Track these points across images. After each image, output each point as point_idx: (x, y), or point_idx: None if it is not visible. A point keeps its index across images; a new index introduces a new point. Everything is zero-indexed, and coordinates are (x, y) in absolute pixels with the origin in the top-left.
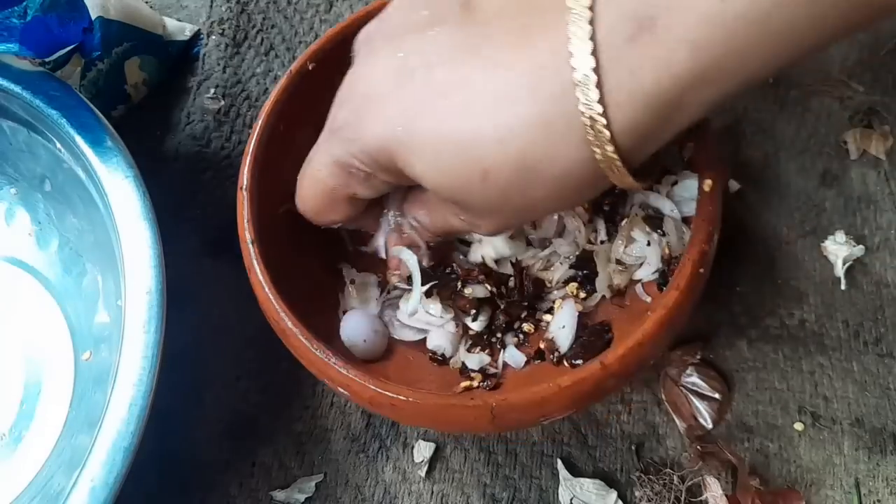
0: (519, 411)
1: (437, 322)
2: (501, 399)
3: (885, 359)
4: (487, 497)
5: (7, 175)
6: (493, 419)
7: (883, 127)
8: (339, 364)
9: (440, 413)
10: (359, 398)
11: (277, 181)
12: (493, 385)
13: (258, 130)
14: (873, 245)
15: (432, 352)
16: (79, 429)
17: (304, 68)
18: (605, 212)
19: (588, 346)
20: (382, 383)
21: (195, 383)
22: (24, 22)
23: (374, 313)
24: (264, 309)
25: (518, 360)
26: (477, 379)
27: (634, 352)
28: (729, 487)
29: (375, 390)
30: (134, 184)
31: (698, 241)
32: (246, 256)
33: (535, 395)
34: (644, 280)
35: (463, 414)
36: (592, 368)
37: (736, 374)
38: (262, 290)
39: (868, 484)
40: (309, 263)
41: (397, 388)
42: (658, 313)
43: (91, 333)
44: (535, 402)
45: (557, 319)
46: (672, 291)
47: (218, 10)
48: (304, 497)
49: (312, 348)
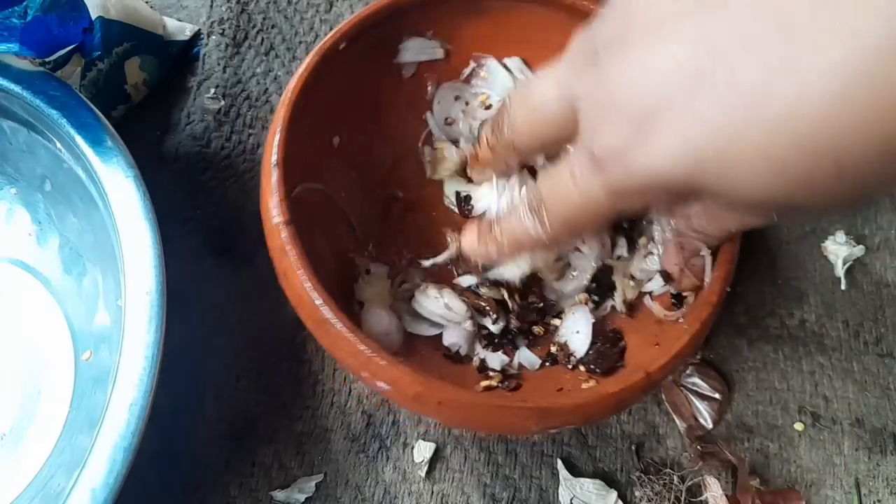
0: (566, 415)
1: (457, 318)
2: (553, 402)
3: (886, 359)
4: (487, 497)
5: (7, 175)
6: (539, 422)
7: None
8: (385, 358)
9: (488, 415)
10: (402, 395)
11: (298, 160)
12: (514, 386)
13: (289, 102)
14: (873, 245)
15: (447, 348)
16: (79, 429)
17: (336, 47)
18: (624, 230)
19: (604, 353)
20: (430, 380)
21: (195, 383)
22: (24, 22)
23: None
24: (297, 298)
25: (533, 361)
26: (496, 378)
27: (673, 363)
28: (729, 487)
29: (423, 387)
30: (134, 184)
31: (725, 260)
32: (274, 239)
33: (581, 400)
34: (655, 292)
35: (513, 416)
36: (637, 377)
37: (736, 374)
38: (296, 276)
39: (868, 484)
40: (322, 252)
41: (445, 387)
42: (694, 327)
43: (91, 333)
44: (581, 407)
45: (570, 324)
46: (706, 307)
47: (218, 10)
48: (304, 497)
49: (356, 340)
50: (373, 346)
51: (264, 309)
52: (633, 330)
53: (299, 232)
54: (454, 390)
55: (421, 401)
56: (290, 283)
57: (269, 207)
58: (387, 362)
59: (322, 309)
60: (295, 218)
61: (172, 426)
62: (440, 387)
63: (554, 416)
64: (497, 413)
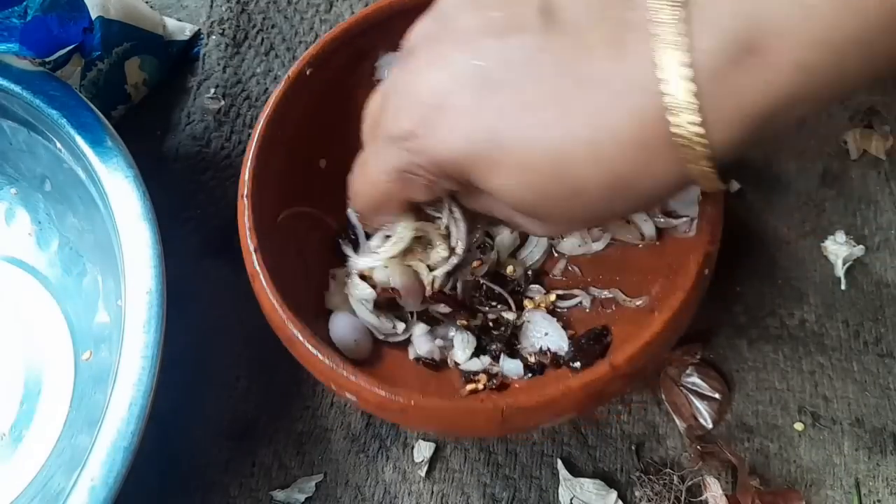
0: (529, 413)
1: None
2: (511, 401)
3: (885, 359)
4: (487, 497)
5: (7, 175)
6: (503, 422)
7: (883, 127)
8: (347, 370)
9: (450, 417)
10: (367, 404)
11: (276, 187)
12: (499, 384)
13: (258, 137)
14: (873, 245)
15: (423, 358)
16: (79, 428)
17: (303, 73)
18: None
19: (584, 348)
20: (391, 389)
21: (195, 383)
22: (24, 22)
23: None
24: (269, 317)
25: (518, 370)
26: (482, 381)
27: (643, 352)
28: (729, 487)
29: (385, 396)
30: (134, 184)
31: (703, 242)
32: (249, 264)
33: (544, 397)
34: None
35: (473, 417)
36: (602, 370)
37: (736, 374)
38: (267, 298)
39: (868, 484)
40: (304, 266)
41: (407, 393)
42: (665, 314)
43: (91, 333)
44: (545, 404)
45: (534, 330)
46: (678, 293)
47: (218, 10)
48: (303, 497)
49: (320, 356)
50: (335, 359)
51: None
52: (623, 322)
53: (274, 255)
54: (414, 396)
55: (384, 408)
56: (263, 305)
57: (243, 235)
58: (348, 374)
59: (288, 326)
60: (270, 242)
61: (172, 426)
62: (402, 394)
63: (514, 415)
64: (457, 416)
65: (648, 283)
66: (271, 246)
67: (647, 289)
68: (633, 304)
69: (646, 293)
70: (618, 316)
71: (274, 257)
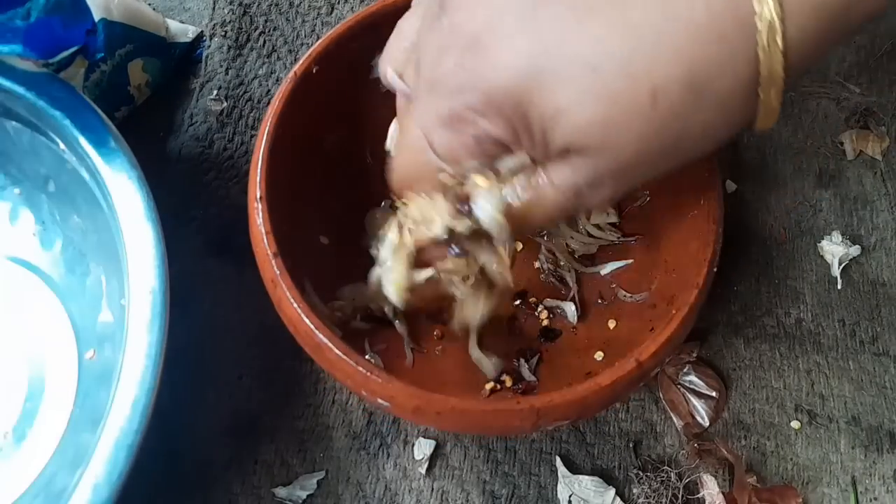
0: (562, 411)
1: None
2: (546, 401)
3: (881, 357)
4: (487, 494)
5: (11, 175)
6: (537, 421)
7: (879, 128)
8: (381, 377)
9: (485, 419)
10: (402, 409)
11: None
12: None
13: (267, 135)
14: (869, 245)
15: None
16: (82, 427)
17: (309, 71)
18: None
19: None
20: (427, 394)
21: (198, 382)
22: (27, 23)
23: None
24: (294, 325)
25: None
26: (509, 380)
27: (664, 348)
28: (726, 485)
29: (421, 401)
30: (137, 184)
31: (711, 241)
32: (267, 270)
33: (576, 395)
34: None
35: (509, 418)
36: (629, 366)
37: (733, 373)
38: (290, 306)
39: (864, 482)
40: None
41: (443, 399)
42: (682, 311)
43: (95, 332)
44: (577, 402)
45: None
46: (692, 290)
47: (220, 12)
48: (305, 494)
49: (352, 363)
50: (368, 366)
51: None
52: (629, 315)
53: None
54: (451, 400)
55: (420, 413)
56: (285, 312)
57: (258, 240)
58: (383, 380)
59: (317, 334)
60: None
61: (175, 424)
62: (437, 399)
63: (549, 413)
64: (494, 417)
65: (647, 279)
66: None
67: (646, 285)
68: (633, 299)
69: (645, 289)
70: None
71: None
